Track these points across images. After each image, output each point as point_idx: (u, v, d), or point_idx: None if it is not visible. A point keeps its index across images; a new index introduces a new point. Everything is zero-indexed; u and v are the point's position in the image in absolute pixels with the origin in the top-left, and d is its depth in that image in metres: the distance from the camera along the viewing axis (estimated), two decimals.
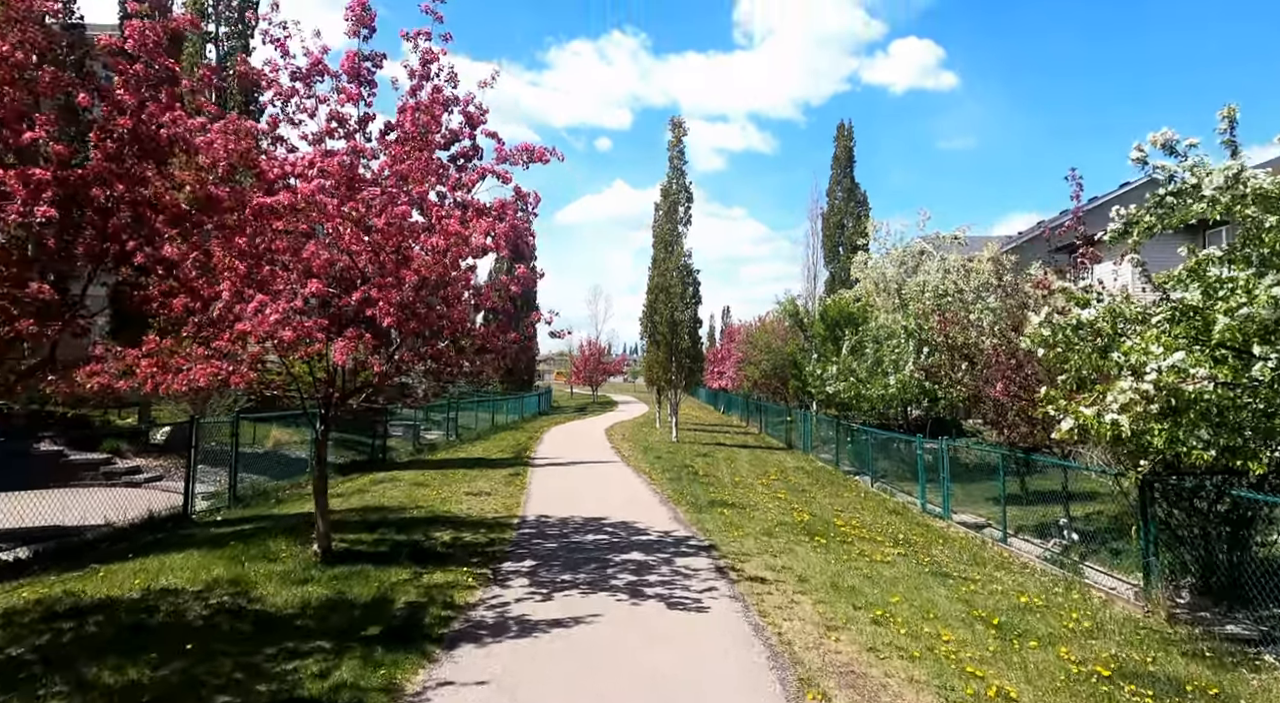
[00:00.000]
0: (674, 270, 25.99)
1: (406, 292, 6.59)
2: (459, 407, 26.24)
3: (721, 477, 16.74)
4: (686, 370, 26.33)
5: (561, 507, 12.00)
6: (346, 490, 13.44)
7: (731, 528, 10.46)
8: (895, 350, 18.56)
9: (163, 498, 12.05)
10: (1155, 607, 7.47)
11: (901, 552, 9.63)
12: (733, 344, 42.72)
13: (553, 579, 7.40)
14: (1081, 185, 11.12)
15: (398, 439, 22.75)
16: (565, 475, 16.44)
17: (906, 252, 27.08)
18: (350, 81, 7.50)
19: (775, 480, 16.53)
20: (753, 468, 18.90)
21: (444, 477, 15.32)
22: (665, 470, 17.16)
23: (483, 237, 6.42)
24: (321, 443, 7.99)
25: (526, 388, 48.12)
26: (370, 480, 14.59)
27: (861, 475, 18.65)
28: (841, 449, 20.47)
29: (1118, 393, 6.01)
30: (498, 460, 19.03)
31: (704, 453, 21.91)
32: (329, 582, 6.85)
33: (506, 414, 34.43)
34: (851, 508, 13.31)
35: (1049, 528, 12.23)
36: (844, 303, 25.82)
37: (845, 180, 33.20)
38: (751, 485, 15.51)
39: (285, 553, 7.95)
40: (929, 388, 17.95)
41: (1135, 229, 7.36)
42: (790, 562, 8.56)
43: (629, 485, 14.97)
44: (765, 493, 14.45)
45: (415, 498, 12.44)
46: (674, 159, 26.18)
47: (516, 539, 9.40)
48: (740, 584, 7.44)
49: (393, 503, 11.88)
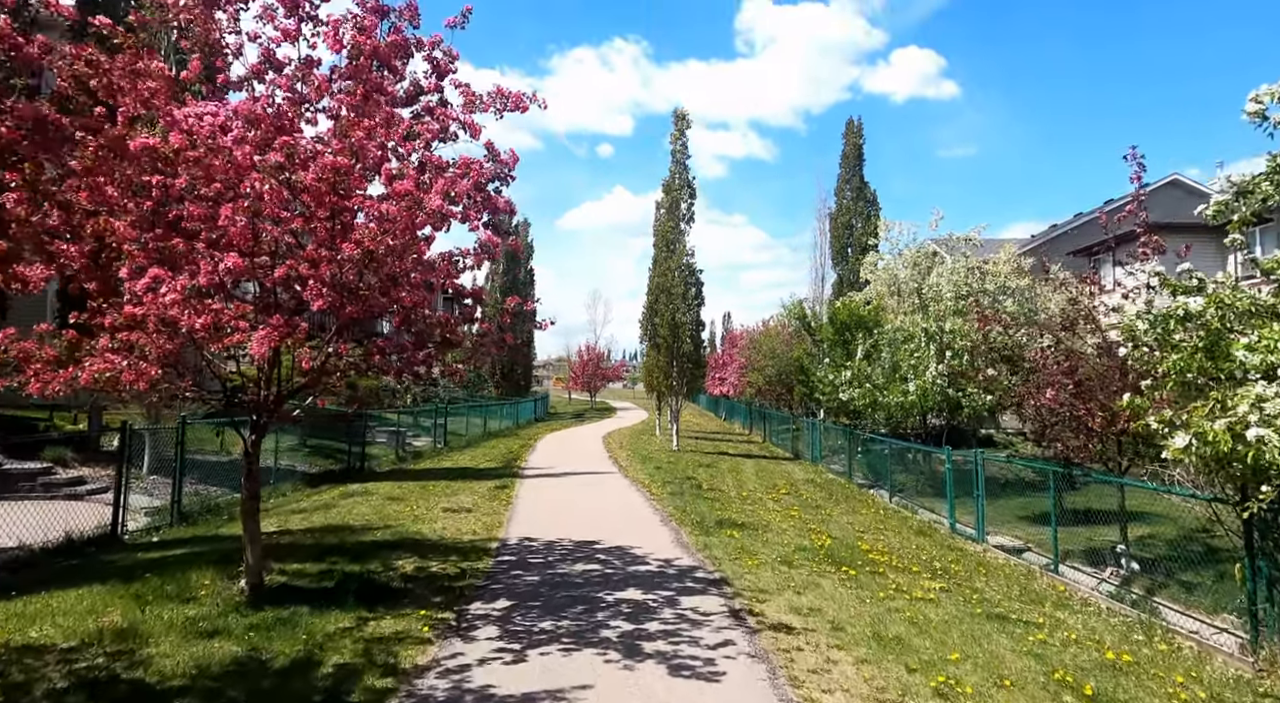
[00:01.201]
0: (676, 270, 24.61)
1: (345, 269, 5.21)
2: (448, 412, 24.80)
3: (727, 490, 15.33)
4: (688, 376, 24.91)
5: (549, 527, 10.58)
6: (311, 505, 12.02)
7: (744, 555, 9.06)
8: (915, 355, 17.18)
9: (103, 514, 10.65)
10: (1271, 668, 6.06)
11: (943, 586, 8.22)
12: (735, 350, 41.28)
13: (529, 628, 5.99)
14: (1143, 165, 9.74)
15: (381, 447, 21.30)
16: (556, 489, 15.03)
17: (920, 252, 25.80)
18: (288, 16, 6.15)
19: (786, 495, 15.13)
20: (760, 480, 17.49)
21: (423, 489, 13.91)
22: (666, 483, 15.75)
23: (439, 197, 5.04)
24: (252, 456, 6.59)
25: (523, 393, 46.68)
26: (340, 493, 13.17)
27: (877, 489, 17.25)
28: (854, 460, 19.07)
29: (1257, 402, 4.62)
30: (485, 471, 17.61)
31: (707, 463, 20.49)
32: (245, 634, 5.44)
33: (500, 420, 32.99)
34: (873, 528, 11.90)
35: (1101, 555, 10.82)
36: (854, 306, 24.49)
37: (854, 179, 31.81)
38: (761, 501, 14.11)
39: (207, 590, 6.54)
40: (952, 395, 16.59)
41: (1247, 201, 5.96)
42: (818, 601, 7.15)
43: (626, 501, 13.55)
44: (777, 510, 13.04)
45: (385, 515, 11.02)
46: (676, 153, 24.84)
47: (492, 570, 7.99)
48: (762, 635, 6.03)
49: (358, 521, 10.46)
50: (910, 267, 25.48)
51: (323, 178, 4.89)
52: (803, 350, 28.68)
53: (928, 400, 16.30)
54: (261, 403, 6.45)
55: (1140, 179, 9.78)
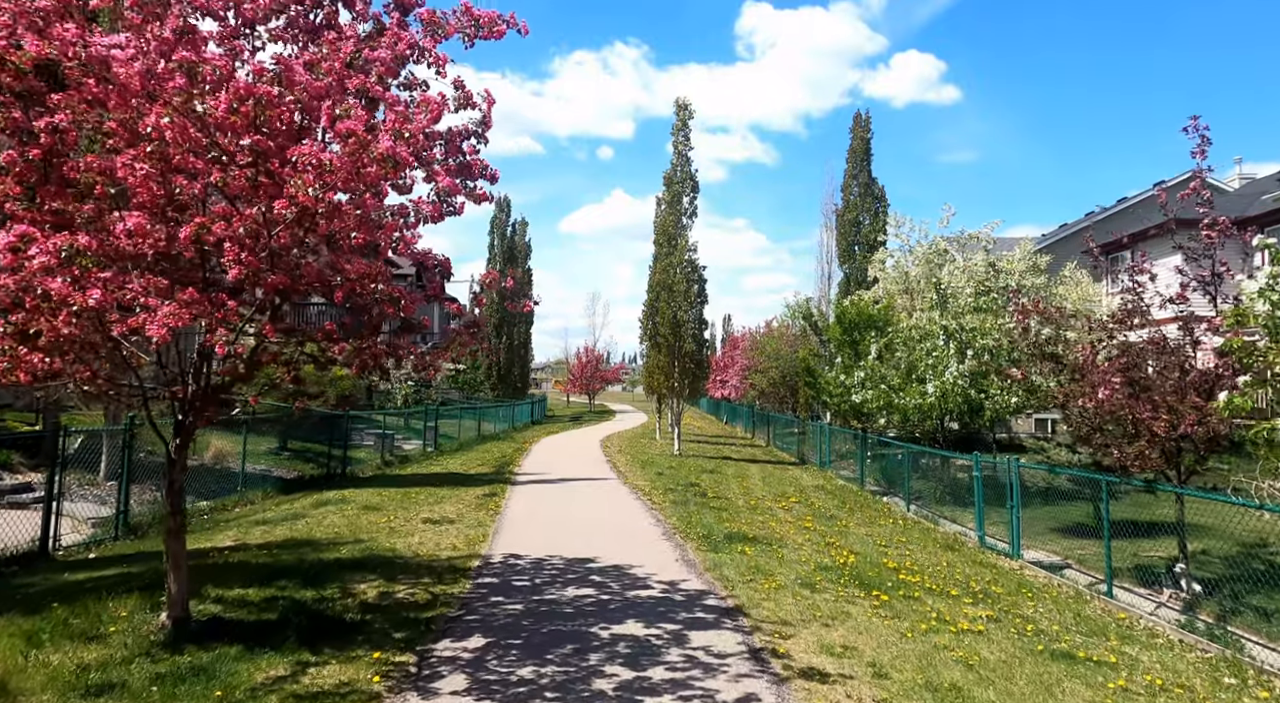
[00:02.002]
0: (678, 266, 23.52)
1: (274, 231, 4.13)
2: (439, 414, 23.69)
3: (734, 498, 14.24)
4: (690, 377, 23.80)
5: (539, 541, 9.48)
6: (279, 515, 10.91)
7: (759, 576, 7.96)
8: (933, 354, 16.08)
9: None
10: None
11: (990, 614, 7.13)
12: (736, 351, 40.18)
13: (506, 677, 4.88)
14: (1207, 138, 8.68)
15: (368, 450, 20.20)
16: (550, 497, 13.93)
17: (932, 249, 24.77)
18: None
19: (796, 503, 14.04)
20: (768, 487, 16.40)
21: (405, 497, 12.80)
22: (668, 491, 14.65)
23: (390, 138, 3.96)
24: (175, 463, 5.49)
25: (520, 395, 45.55)
26: (313, 502, 12.06)
27: (891, 496, 16.16)
28: (865, 466, 17.97)
29: None
30: (475, 477, 16.50)
31: (710, 469, 19.39)
32: (145, 690, 4.34)
33: (495, 423, 31.86)
34: (896, 542, 10.82)
35: (1152, 573, 9.74)
36: (864, 304, 23.42)
37: (862, 175, 30.73)
38: (770, 510, 13.02)
39: (120, 625, 5.44)
40: (975, 397, 15.51)
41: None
42: (852, 636, 6.06)
43: (626, 511, 12.45)
44: (789, 521, 11.95)
45: (358, 528, 9.92)
46: (679, 144, 23.77)
47: (469, 595, 6.88)
48: (792, 686, 4.92)
49: (324, 535, 9.36)
50: (923, 263, 24.46)
51: (237, 109, 3.81)
52: (808, 351, 27.58)
53: (948, 402, 15.21)
54: (187, 400, 5.35)
55: (1204, 154, 8.71)
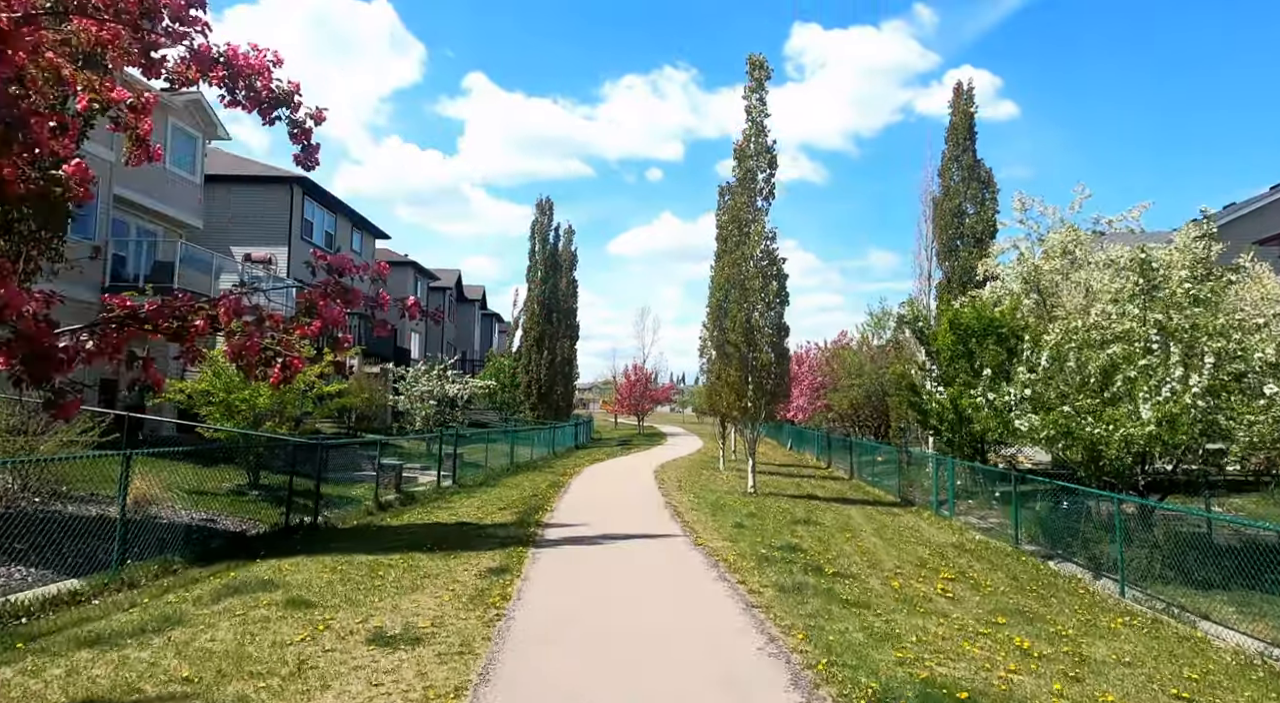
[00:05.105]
0: (751, 259, 18.90)
1: None
2: (457, 440, 19.41)
3: (858, 573, 9.47)
4: (767, 396, 19.02)
5: (558, 696, 4.95)
6: (128, 625, 6.57)
7: None
8: (1141, 364, 11.06)
9: None
10: None
11: None
12: (802, 369, 35.14)
13: None
14: None
15: (367, 486, 15.92)
16: (587, 576, 9.37)
17: (1069, 238, 19.69)
18: None
19: (953, 581, 9.24)
20: (892, 548, 11.56)
21: (369, 575, 8.44)
22: (762, 561, 9.95)
23: None
24: None
25: (563, 417, 41.22)
26: (217, 589, 7.72)
27: (1061, 561, 11.22)
28: (1020, 517, 12.95)
29: None
30: (489, 531, 12.07)
31: (802, 517, 14.54)
32: None
33: (533, 448, 27.54)
34: (1168, 675, 5.98)
35: None
36: (983, 307, 18.49)
37: (965, 156, 25.60)
38: (929, 601, 8.23)
39: None
40: (1224, 424, 10.45)
41: None
42: None
43: (708, 608, 7.80)
44: (973, 626, 7.17)
45: (236, 666, 5.54)
46: (751, 109, 19.26)
47: None
48: None
49: (152, 692, 4.99)
50: (1060, 255, 19.39)
51: None
52: (906, 365, 22.58)
53: (1179, 432, 10.16)
54: None
55: None
